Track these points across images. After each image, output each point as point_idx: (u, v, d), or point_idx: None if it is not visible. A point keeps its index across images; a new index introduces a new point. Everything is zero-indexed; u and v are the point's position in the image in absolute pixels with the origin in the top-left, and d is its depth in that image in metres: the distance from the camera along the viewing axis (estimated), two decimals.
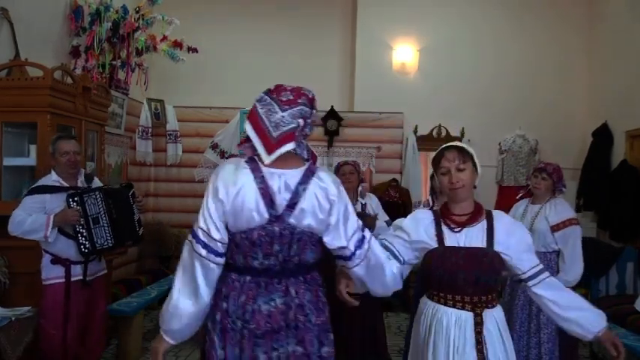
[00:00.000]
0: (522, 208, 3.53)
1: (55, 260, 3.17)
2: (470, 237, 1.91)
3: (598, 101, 6.30)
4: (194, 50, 5.72)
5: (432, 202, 3.76)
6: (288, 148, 1.65)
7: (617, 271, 5.03)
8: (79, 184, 3.30)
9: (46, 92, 3.51)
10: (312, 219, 1.69)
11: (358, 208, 3.81)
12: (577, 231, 3.30)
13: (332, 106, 6.31)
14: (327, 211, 1.70)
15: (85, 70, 4.81)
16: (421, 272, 2.23)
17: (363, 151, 6.34)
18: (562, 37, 6.57)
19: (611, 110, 5.93)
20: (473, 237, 1.91)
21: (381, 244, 1.96)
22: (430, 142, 6.48)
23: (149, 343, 4.58)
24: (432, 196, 3.79)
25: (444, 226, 1.95)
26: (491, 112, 6.45)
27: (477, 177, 1.97)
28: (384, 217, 3.90)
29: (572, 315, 1.91)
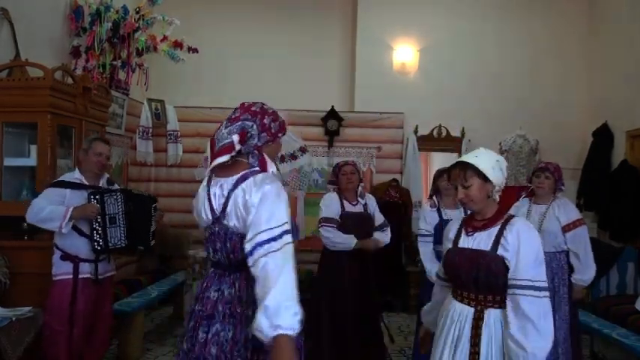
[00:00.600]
0: (525, 208, 3.54)
1: (64, 257, 3.22)
2: (478, 241, 2.08)
3: (598, 101, 6.30)
4: (194, 50, 5.72)
5: (436, 202, 3.66)
6: (222, 160, 1.85)
7: (618, 271, 5.03)
8: (100, 185, 3.39)
9: (46, 92, 3.51)
10: (236, 220, 1.85)
11: (360, 208, 3.82)
12: (586, 231, 3.41)
13: (332, 106, 6.32)
14: (245, 213, 1.81)
15: (85, 70, 4.82)
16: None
17: (364, 151, 6.34)
18: (562, 37, 6.57)
19: (611, 110, 5.93)
20: (481, 241, 2.07)
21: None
22: (430, 142, 6.49)
23: (149, 343, 4.61)
24: (436, 196, 3.69)
25: (463, 230, 2.16)
26: (491, 112, 6.45)
27: (491, 187, 2.05)
28: (380, 218, 3.87)
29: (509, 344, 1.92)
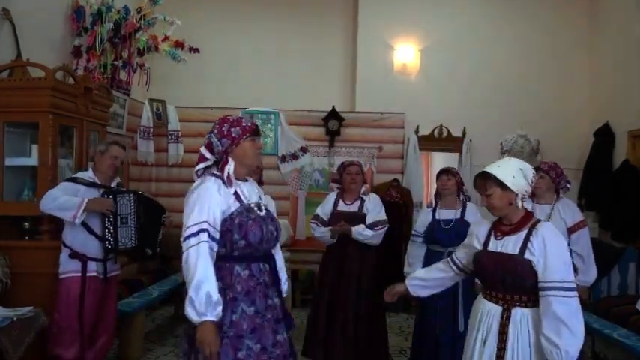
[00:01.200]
0: (528, 208, 3.55)
1: (73, 255, 3.24)
2: (506, 244, 2.21)
3: (600, 101, 6.29)
4: (195, 50, 5.71)
5: (433, 203, 3.86)
6: (196, 168, 2.25)
7: (619, 271, 5.03)
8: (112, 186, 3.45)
9: (47, 92, 3.51)
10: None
11: (354, 208, 3.89)
12: (588, 232, 3.45)
13: (333, 107, 6.31)
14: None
15: (86, 70, 4.81)
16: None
17: (365, 151, 6.34)
18: (563, 37, 6.56)
19: (612, 110, 5.92)
20: (509, 245, 2.20)
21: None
22: (431, 142, 6.48)
23: (150, 343, 4.61)
24: (436, 197, 3.87)
25: (492, 234, 2.29)
26: (492, 112, 6.44)
27: (513, 196, 2.17)
28: (380, 217, 3.85)
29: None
